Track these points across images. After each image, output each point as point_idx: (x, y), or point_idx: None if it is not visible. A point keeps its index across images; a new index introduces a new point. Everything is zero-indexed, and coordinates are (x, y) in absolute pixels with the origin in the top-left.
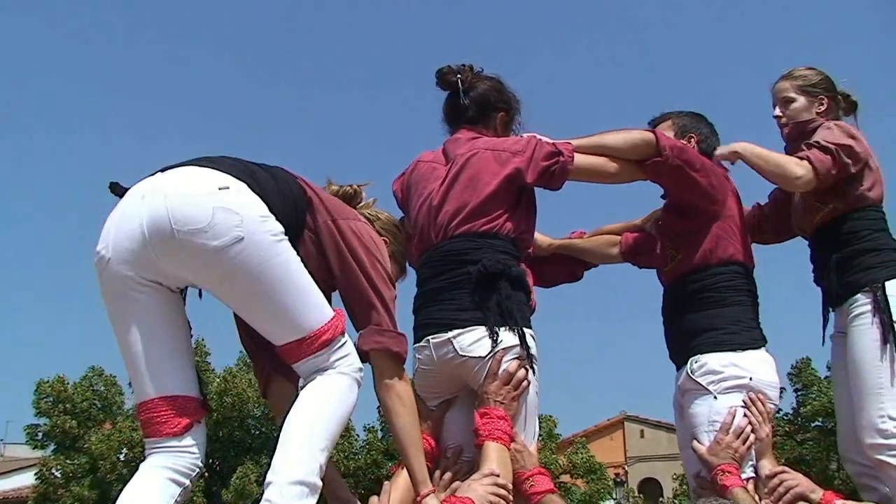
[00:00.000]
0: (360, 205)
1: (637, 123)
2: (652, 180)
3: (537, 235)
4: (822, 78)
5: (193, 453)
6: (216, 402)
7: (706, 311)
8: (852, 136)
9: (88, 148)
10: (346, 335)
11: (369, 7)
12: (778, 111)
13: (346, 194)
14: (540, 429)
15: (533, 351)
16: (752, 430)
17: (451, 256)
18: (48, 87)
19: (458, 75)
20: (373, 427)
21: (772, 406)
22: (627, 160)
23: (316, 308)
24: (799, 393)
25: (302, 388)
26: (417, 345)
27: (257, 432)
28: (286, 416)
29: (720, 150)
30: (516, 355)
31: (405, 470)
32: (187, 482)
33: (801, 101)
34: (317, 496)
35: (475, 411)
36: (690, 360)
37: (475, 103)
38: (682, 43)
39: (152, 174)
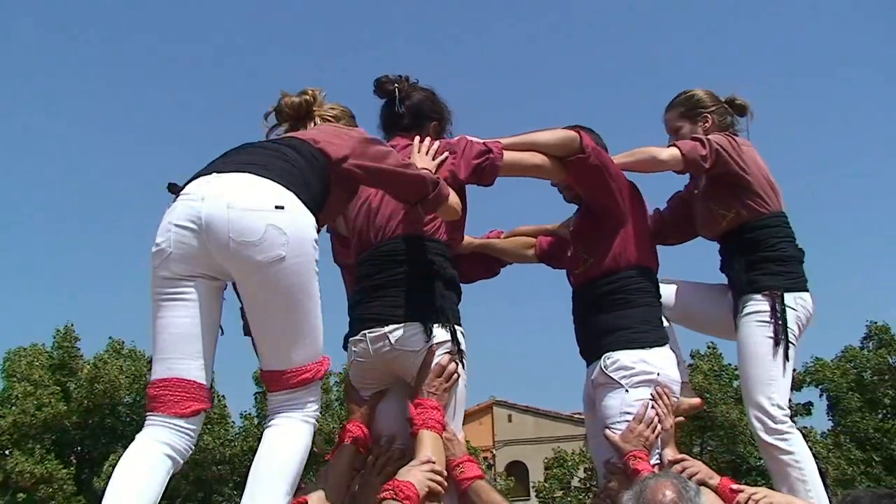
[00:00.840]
0: (322, 107)
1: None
2: (572, 178)
3: None
4: (700, 97)
5: (192, 437)
6: (86, 390)
7: (616, 311)
8: (730, 139)
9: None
10: (319, 385)
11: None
12: (671, 141)
13: (307, 103)
14: None
15: (463, 347)
16: (660, 421)
17: (388, 256)
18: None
19: (395, 84)
20: (249, 414)
21: (675, 399)
22: (553, 157)
23: (311, 346)
24: None
25: (267, 424)
26: (354, 338)
27: (128, 419)
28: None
29: None
30: (448, 350)
31: (341, 457)
32: (181, 461)
33: (686, 126)
34: None
35: (410, 402)
36: (603, 356)
37: (410, 112)
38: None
39: (207, 172)
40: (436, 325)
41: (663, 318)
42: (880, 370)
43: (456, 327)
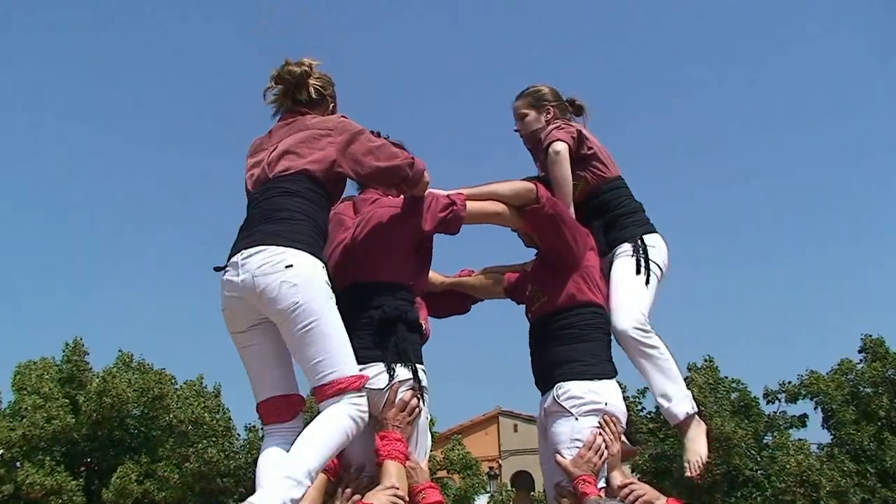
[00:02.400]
0: (314, 76)
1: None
2: (529, 225)
3: (431, 274)
4: (548, 91)
5: (299, 432)
6: (95, 403)
7: (568, 344)
8: (571, 127)
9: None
10: (363, 393)
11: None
12: (516, 126)
13: (305, 74)
14: None
15: (424, 383)
16: (606, 447)
17: (355, 301)
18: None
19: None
20: (254, 426)
21: (621, 428)
22: (511, 206)
23: (342, 364)
24: None
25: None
26: None
27: (136, 432)
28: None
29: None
30: (410, 387)
31: (314, 486)
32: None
33: (532, 114)
34: (302, 492)
35: (376, 434)
36: (555, 386)
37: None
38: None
39: (237, 250)
40: (398, 365)
41: None
42: (875, 383)
43: (417, 366)
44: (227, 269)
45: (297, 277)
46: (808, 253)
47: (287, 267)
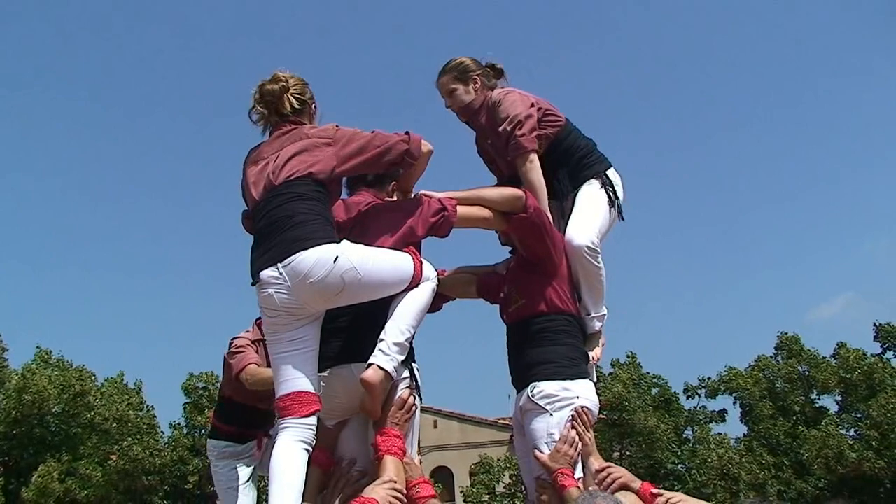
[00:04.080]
0: (290, 89)
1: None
2: (513, 231)
3: None
4: (469, 62)
5: (314, 429)
6: (15, 400)
7: (544, 347)
8: (519, 95)
9: None
10: (424, 262)
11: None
12: (447, 103)
13: (283, 89)
14: None
15: (420, 383)
16: (580, 438)
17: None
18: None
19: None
20: (178, 424)
21: (593, 418)
22: (499, 211)
23: (404, 267)
24: None
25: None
26: (321, 374)
27: (57, 429)
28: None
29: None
30: (407, 385)
31: (310, 478)
32: (311, 448)
33: (459, 88)
34: (406, 352)
35: (375, 431)
36: (531, 385)
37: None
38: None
39: (272, 262)
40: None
41: None
42: (791, 379)
43: (413, 365)
44: (264, 281)
45: (349, 262)
46: (726, 252)
47: (335, 261)
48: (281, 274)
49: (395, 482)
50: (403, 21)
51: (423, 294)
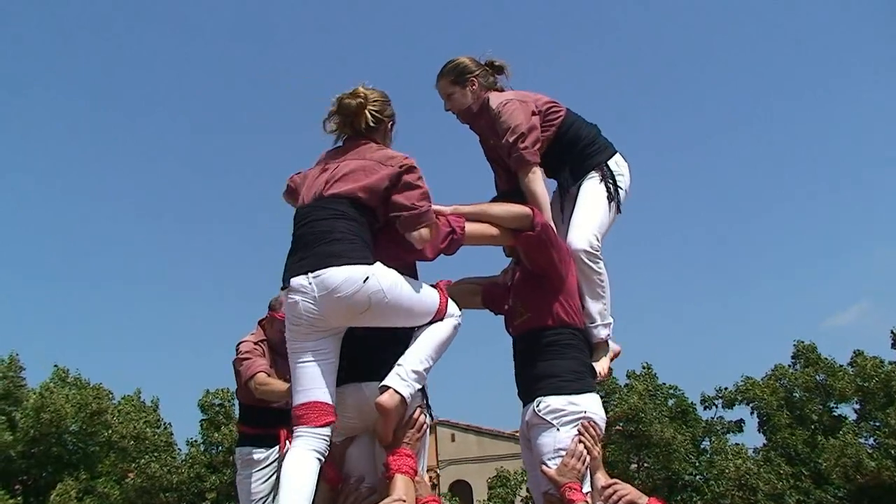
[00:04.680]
0: (369, 104)
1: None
2: (521, 247)
3: None
4: (464, 64)
5: (328, 440)
6: (33, 419)
7: (549, 360)
8: (519, 104)
9: None
10: (450, 300)
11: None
12: (446, 106)
13: (360, 105)
14: None
15: (429, 401)
16: (588, 452)
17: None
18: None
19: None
20: (195, 441)
21: (600, 432)
22: (506, 228)
23: (431, 302)
24: (601, 399)
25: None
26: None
27: (75, 447)
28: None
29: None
30: (419, 404)
31: (319, 494)
32: (323, 458)
33: (457, 91)
34: (424, 382)
35: (386, 450)
36: (537, 399)
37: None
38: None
39: (303, 270)
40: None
41: None
42: (808, 388)
43: (424, 384)
44: (293, 288)
45: (377, 285)
46: (742, 261)
47: (366, 280)
48: (310, 283)
49: (404, 500)
50: (404, 21)
51: (446, 328)
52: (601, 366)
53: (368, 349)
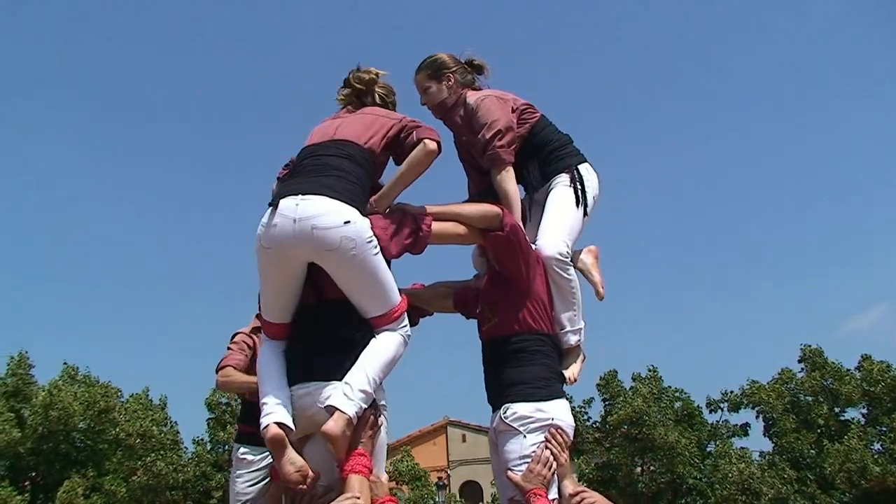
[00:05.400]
0: (379, 84)
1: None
2: (488, 246)
3: None
4: (442, 60)
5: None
6: (41, 416)
7: (519, 367)
8: (497, 101)
9: None
10: (405, 315)
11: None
12: (422, 100)
13: (372, 81)
14: None
15: (383, 401)
16: (555, 459)
17: (321, 319)
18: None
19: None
20: (201, 440)
21: (568, 439)
22: (474, 227)
23: (391, 295)
24: (606, 402)
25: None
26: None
27: (83, 445)
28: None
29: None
30: (370, 406)
31: (274, 493)
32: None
33: (433, 86)
34: (370, 402)
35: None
36: (504, 406)
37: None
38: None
39: (294, 192)
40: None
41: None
42: (814, 392)
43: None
44: (279, 209)
45: (355, 233)
46: (748, 264)
47: (346, 223)
48: (297, 206)
49: (359, 499)
50: (402, 22)
51: (394, 345)
52: (571, 371)
53: (323, 350)
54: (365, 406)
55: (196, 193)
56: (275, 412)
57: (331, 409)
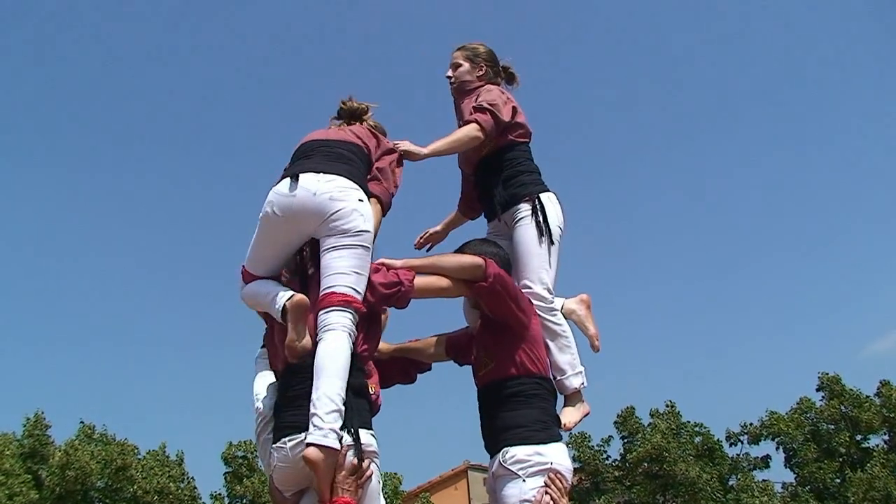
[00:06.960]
0: (368, 116)
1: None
2: (475, 297)
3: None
4: (486, 51)
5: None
6: (58, 477)
7: (516, 410)
8: (503, 95)
9: None
10: (356, 314)
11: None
12: (449, 73)
13: (362, 111)
14: (385, 488)
15: (373, 448)
16: (554, 503)
17: (304, 370)
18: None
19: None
20: (219, 494)
21: (567, 484)
22: (458, 279)
23: (358, 287)
24: (625, 440)
25: (319, 337)
26: (275, 445)
27: None
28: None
29: (409, 148)
30: (355, 451)
31: None
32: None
33: (466, 66)
34: (343, 416)
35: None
36: (502, 450)
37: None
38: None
39: (316, 171)
40: (344, 432)
41: None
42: (834, 420)
43: (361, 431)
44: (301, 182)
45: (366, 212)
46: (761, 295)
47: (360, 200)
48: (318, 181)
49: None
50: (403, 21)
51: (341, 347)
52: (568, 417)
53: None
54: (339, 424)
55: (210, 251)
56: (293, 292)
57: (309, 445)
